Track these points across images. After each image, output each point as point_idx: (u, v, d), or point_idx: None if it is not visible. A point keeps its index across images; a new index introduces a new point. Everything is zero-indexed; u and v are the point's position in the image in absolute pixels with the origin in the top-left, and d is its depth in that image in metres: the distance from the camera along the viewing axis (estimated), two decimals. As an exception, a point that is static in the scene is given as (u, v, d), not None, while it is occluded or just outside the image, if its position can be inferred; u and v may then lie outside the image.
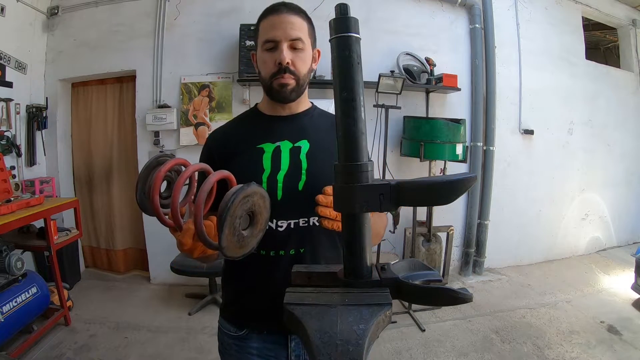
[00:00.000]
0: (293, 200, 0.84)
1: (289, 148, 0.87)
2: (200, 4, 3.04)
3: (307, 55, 0.87)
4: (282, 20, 0.83)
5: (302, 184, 0.85)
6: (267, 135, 0.89)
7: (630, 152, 4.17)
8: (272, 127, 0.91)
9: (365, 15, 3.06)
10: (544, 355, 2.17)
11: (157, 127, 2.98)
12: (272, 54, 0.84)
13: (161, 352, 2.23)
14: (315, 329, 0.38)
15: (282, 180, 0.84)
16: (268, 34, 0.83)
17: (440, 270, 3.12)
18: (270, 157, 0.86)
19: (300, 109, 0.94)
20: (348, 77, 0.44)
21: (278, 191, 0.84)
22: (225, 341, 0.94)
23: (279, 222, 0.84)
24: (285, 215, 0.84)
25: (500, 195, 3.43)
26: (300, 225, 0.85)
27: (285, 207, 0.84)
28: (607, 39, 4.88)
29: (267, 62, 0.84)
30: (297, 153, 0.87)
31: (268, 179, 0.84)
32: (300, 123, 0.92)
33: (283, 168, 0.85)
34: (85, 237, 3.43)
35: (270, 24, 0.84)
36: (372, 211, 0.45)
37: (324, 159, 0.87)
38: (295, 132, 0.89)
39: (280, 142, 0.88)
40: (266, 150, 0.87)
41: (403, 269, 0.51)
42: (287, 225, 0.85)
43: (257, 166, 0.85)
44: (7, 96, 2.82)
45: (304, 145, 0.88)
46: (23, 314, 2.10)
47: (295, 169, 0.85)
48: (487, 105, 3.32)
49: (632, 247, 3.97)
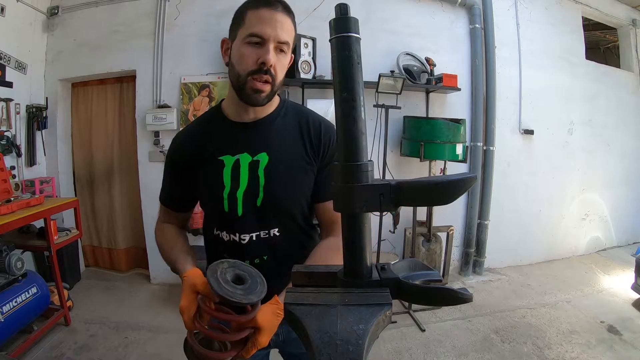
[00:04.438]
0: (253, 216, 0.87)
1: (248, 162, 0.87)
2: (200, 4, 3.04)
3: (287, 61, 0.84)
4: (276, 18, 0.78)
5: (260, 201, 0.87)
6: (227, 146, 0.88)
7: (630, 152, 4.17)
8: (233, 136, 0.89)
9: (365, 15, 3.06)
10: (544, 355, 2.17)
11: (157, 127, 2.99)
12: (255, 50, 0.78)
13: (161, 352, 2.23)
14: (315, 329, 0.39)
15: (241, 198, 0.87)
16: (256, 27, 0.77)
17: (440, 270, 3.12)
18: (230, 173, 0.86)
19: (265, 113, 0.90)
20: (348, 77, 0.44)
21: (238, 208, 0.87)
22: None
23: (241, 235, 0.88)
24: (246, 229, 0.88)
25: (500, 195, 3.43)
26: (261, 237, 0.89)
27: (246, 222, 0.88)
28: (607, 39, 4.88)
29: (248, 57, 0.79)
30: (255, 168, 0.86)
31: (228, 196, 0.87)
32: (261, 132, 0.89)
33: (242, 185, 0.86)
34: (87, 236, 3.44)
35: (261, 16, 0.78)
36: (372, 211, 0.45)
37: (282, 171, 0.87)
38: (254, 144, 0.87)
39: (240, 155, 0.87)
40: (226, 164, 0.87)
41: (403, 269, 0.51)
42: (250, 237, 0.88)
43: (218, 182, 0.87)
44: (7, 96, 2.82)
45: (263, 159, 0.87)
46: (23, 314, 2.10)
47: (253, 185, 0.86)
48: (487, 105, 3.32)
49: (632, 247, 3.97)
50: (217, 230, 0.92)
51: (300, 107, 0.98)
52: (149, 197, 3.14)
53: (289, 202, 0.90)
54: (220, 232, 0.91)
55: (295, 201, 0.91)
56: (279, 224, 0.90)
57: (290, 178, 0.88)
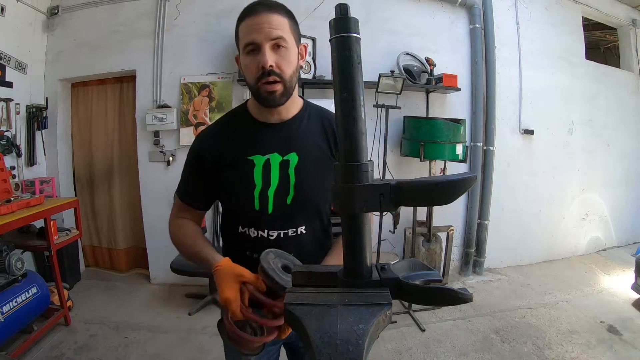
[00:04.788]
0: (282, 214, 0.90)
1: (278, 162, 0.89)
2: (200, 4, 3.04)
3: (292, 53, 0.84)
4: (261, 20, 0.80)
5: (291, 199, 0.90)
6: (257, 146, 0.90)
7: (630, 152, 4.17)
8: (261, 136, 0.91)
9: (365, 15, 3.06)
10: (544, 355, 2.17)
11: (157, 127, 2.99)
12: (254, 57, 0.81)
13: (161, 352, 2.23)
14: (315, 329, 0.39)
15: (272, 196, 0.89)
16: (247, 37, 0.81)
17: (440, 270, 3.12)
18: (261, 172, 0.89)
19: (290, 115, 0.93)
20: (348, 77, 0.44)
21: (269, 206, 0.89)
22: None
23: (270, 232, 0.91)
24: (275, 227, 0.91)
25: (500, 195, 3.43)
26: (289, 234, 0.92)
27: (275, 219, 0.90)
28: (607, 39, 4.88)
29: (250, 66, 0.82)
30: (285, 167, 0.89)
31: (259, 195, 0.89)
32: (289, 133, 0.91)
33: (273, 183, 0.89)
34: (87, 236, 3.44)
35: (248, 26, 0.81)
36: (372, 211, 0.45)
37: (311, 170, 0.90)
38: (284, 144, 0.90)
39: (270, 155, 0.89)
40: (256, 164, 0.89)
41: (403, 269, 0.51)
42: (277, 234, 0.91)
43: (248, 181, 0.89)
44: (7, 96, 2.82)
45: (293, 159, 0.90)
46: (23, 314, 2.10)
47: (284, 184, 0.89)
48: (487, 105, 3.32)
49: (632, 247, 3.97)
50: (244, 228, 0.93)
51: (322, 109, 1.01)
52: (149, 197, 3.14)
53: (317, 200, 0.93)
54: (248, 229, 0.92)
55: (323, 199, 0.94)
56: (306, 221, 0.93)
57: (318, 177, 0.91)
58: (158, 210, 3.11)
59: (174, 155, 3.09)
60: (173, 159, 3.09)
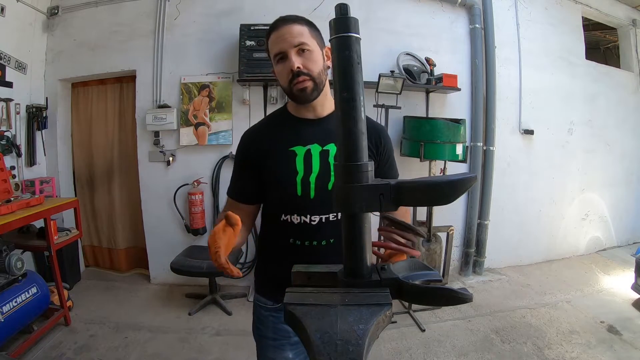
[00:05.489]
0: (324, 199, 0.96)
1: (319, 151, 0.97)
2: (200, 4, 3.04)
3: (316, 54, 0.94)
4: (283, 32, 0.92)
5: (332, 184, 0.95)
6: (298, 139, 0.98)
7: (630, 152, 4.17)
8: (301, 130, 1.00)
9: (365, 15, 3.06)
10: (544, 355, 2.17)
11: (157, 127, 2.98)
12: (284, 64, 0.93)
13: (161, 352, 2.23)
14: (315, 329, 0.39)
15: (314, 182, 0.96)
16: (275, 48, 0.94)
17: (440, 270, 3.11)
18: (303, 160, 0.97)
19: (325, 112, 1.02)
20: (348, 77, 0.44)
21: (311, 191, 0.96)
22: (262, 314, 1.08)
23: (312, 217, 0.97)
24: (317, 211, 0.97)
25: (500, 195, 3.43)
26: (330, 219, 0.98)
27: (317, 204, 0.97)
28: (607, 39, 4.88)
29: (282, 72, 0.94)
30: (326, 156, 0.97)
31: (302, 181, 0.96)
32: (327, 127, 1.00)
33: (314, 170, 0.96)
34: (87, 236, 3.44)
35: (274, 40, 0.94)
36: (372, 211, 0.45)
37: None
38: (323, 136, 0.98)
39: (310, 146, 0.98)
40: (298, 154, 0.97)
41: (403, 269, 0.51)
42: (319, 219, 0.98)
43: (291, 169, 0.96)
44: (7, 96, 2.82)
45: (332, 149, 0.97)
46: (23, 314, 2.10)
47: (325, 170, 0.96)
48: (487, 105, 3.32)
49: (632, 247, 3.97)
50: (286, 215, 0.99)
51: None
52: (149, 197, 3.14)
53: None
54: (291, 216, 0.98)
55: None
56: None
57: None
58: (158, 210, 3.11)
59: (174, 155, 3.09)
60: (173, 159, 3.09)
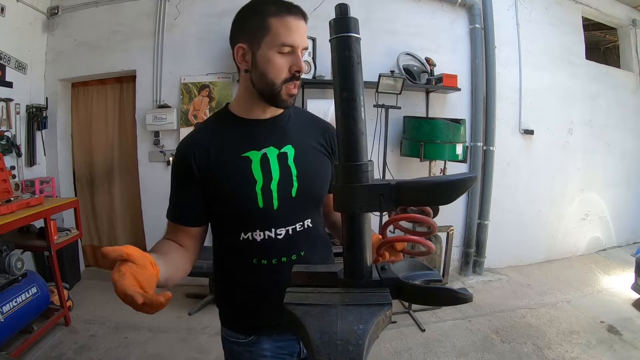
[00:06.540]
0: (288, 208, 0.86)
1: (276, 154, 0.85)
2: (200, 4, 3.04)
3: None
4: (301, 26, 0.80)
5: (295, 190, 0.86)
6: (251, 143, 0.85)
7: (630, 152, 4.17)
8: (253, 132, 0.86)
9: (365, 15, 3.06)
10: (544, 355, 2.17)
11: (157, 127, 2.98)
12: (287, 59, 0.79)
13: (161, 352, 2.23)
14: (315, 329, 0.39)
15: (276, 190, 0.84)
16: (287, 37, 0.77)
17: (440, 270, 3.11)
18: (260, 167, 0.84)
19: (278, 111, 0.89)
20: (348, 77, 0.44)
21: (274, 201, 0.84)
22: (235, 349, 0.93)
23: (277, 230, 0.85)
24: (282, 223, 0.86)
25: (500, 195, 3.43)
26: (297, 230, 0.87)
27: (282, 215, 0.85)
28: (607, 39, 4.88)
29: (282, 66, 0.79)
30: (285, 159, 0.86)
31: (262, 190, 0.83)
32: (281, 126, 0.89)
33: (274, 177, 0.84)
34: (87, 236, 3.43)
35: (289, 26, 0.77)
36: (372, 211, 0.45)
37: (309, 161, 0.89)
38: (278, 138, 0.87)
39: (266, 149, 0.85)
40: (253, 160, 0.84)
41: (403, 269, 0.51)
42: (286, 231, 0.86)
43: (248, 178, 0.83)
44: (7, 96, 2.82)
45: (290, 151, 0.87)
46: (23, 314, 2.10)
47: (287, 176, 0.85)
48: (487, 105, 3.32)
49: (632, 247, 3.97)
50: (247, 233, 0.86)
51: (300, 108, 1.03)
52: (149, 197, 3.14)
53: (320, 191, 0.92)
54: (252, 233, 0.85)
55: (324, 190, 0.93)
56: (311, 214, 0.91)
57: (317, 166, 0.91)
58: (158, 210, 3.07)
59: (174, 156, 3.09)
60: (173, 159, 3.09)
